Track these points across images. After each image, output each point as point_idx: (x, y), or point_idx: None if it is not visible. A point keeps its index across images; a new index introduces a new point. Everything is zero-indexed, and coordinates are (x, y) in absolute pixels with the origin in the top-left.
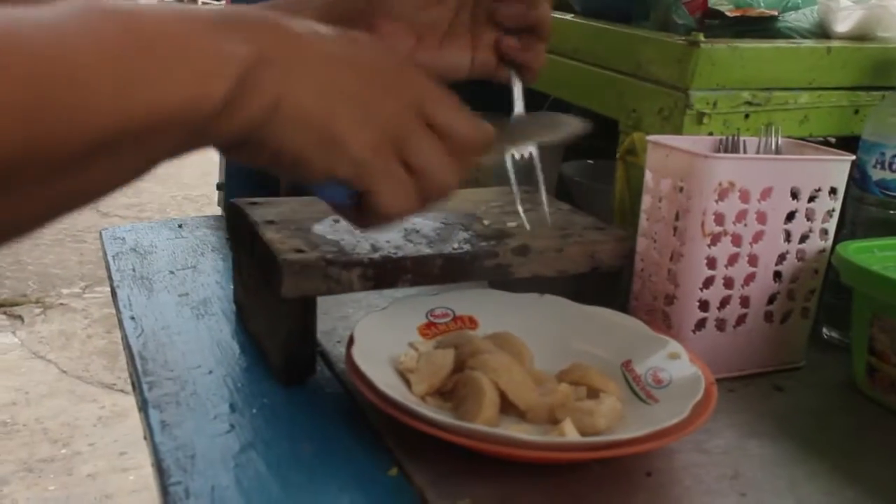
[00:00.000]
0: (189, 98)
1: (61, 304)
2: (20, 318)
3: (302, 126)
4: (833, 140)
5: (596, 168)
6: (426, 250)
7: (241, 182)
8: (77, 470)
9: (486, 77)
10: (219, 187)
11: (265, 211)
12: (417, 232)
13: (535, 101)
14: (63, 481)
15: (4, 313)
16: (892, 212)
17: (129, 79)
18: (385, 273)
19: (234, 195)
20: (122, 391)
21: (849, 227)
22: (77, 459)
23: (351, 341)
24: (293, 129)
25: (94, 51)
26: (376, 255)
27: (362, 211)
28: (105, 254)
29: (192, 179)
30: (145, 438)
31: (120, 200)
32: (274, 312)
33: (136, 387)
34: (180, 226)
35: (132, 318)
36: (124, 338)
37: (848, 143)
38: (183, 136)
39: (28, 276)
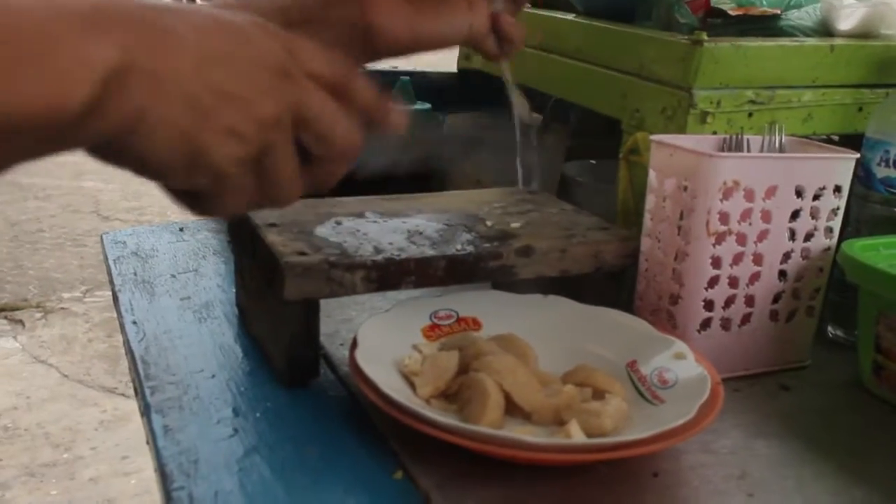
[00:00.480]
0: (43, 103)
1: (62, 308)
2: (21, 322)
3: (167, 138)
4: (836, 138)
5: (598, 168)
6: (429, 252)
7: None
8: (79, 474)
9: (474, 46)
10: None
11: (267, 213)
12: (420, 234)
13: (537, 101)
14: (65, 486)
15: (5, 318)
16: None
17: None
18: (388, 275)
19: None
20: (123, 395)
21: (853, 225)
22: (79, 464)
23: (354, 344)
24: (157, 140)
25: None
26: (379, 258)
27: (194, 201)
28: (106, 258)
29: None
30: (148, 443)
31: (120, 204)
32: (276, 315)
33: (139, 391)
34: (181, 229)
35: (134, 322)
36: (126, 342)
37: (851, 141)
38: (36, 140)
39: (29, 281)
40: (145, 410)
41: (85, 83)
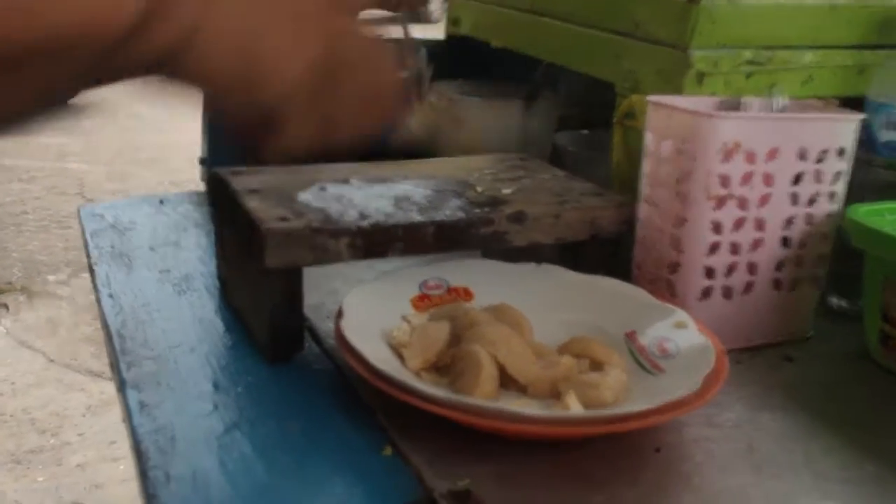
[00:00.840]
0: (94, 16)
1: (47, 291)
2: (5, 306)
3: (226, 51)
4: (836, 102)
5: (590, 138)
6: (418, 217)
7: (224, 156)
8: (66, 460)
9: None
10: (201, 162)
11: (248, 180)
12: (408, 199)
13: (527, 66)
14: (52, 472)
15: None
16: None
17: None
18: (375, 241)
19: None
20: (110, 379)
21: (856, 191)
22: (66, 450)
23: (340, 314)
24: (217, 53)
25: None
26: (365, 223)
27: (264, 141)
28: (83, 231)
29: (180, 164)
30: (124, 421)
31: (105, 186)
32: (258, 286)
33: (115, 367)
34: (161, 202)
35: (110, 295)
36: (102, 316)
37: (852, 104)
38: (91, 56)
39: (12, 263)
40: (121, 386)
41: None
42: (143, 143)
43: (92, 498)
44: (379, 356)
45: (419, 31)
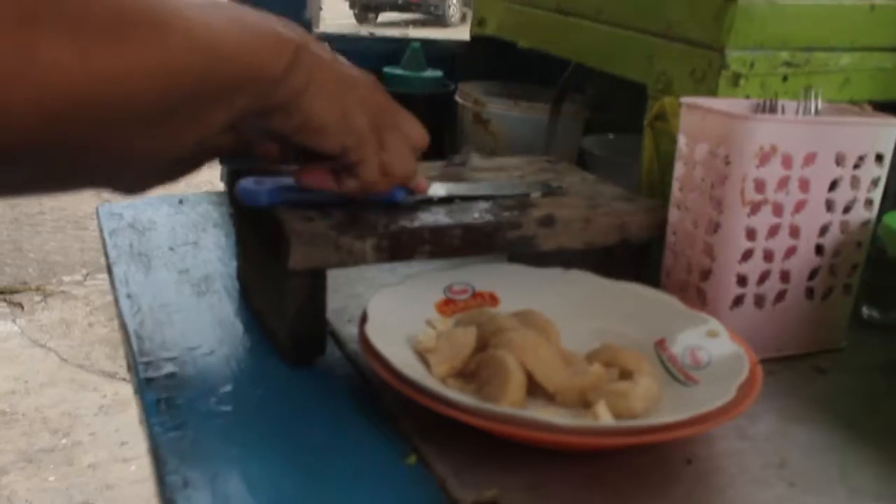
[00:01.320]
0: (265, 62)
1: (62, 291)
2: (20, 305)
3: (327, 100)
4: (870, 106)
5: (617, 142)
6: (445, 220)
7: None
8: (78, 460)
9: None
10: (221, 161)
11: None
12: (435, 202)
13: (555, 68)
14: (63, 472)
15: (4, 301)
16: None
17: (230, 42)
18: (401, 244)
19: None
20: (123, 380)
21: (891, 198)
22: (78, 449)
23: (364, 318)
24: (318, 101)
25: (212, 21)
26: (392, 225)
27: (344, 179)
28: (101, 230)
29: None
30: (141, 423)
31: None
32: (281, 288)
33: (132, 367)
34: (181, 201)
35: (128, 295)
36: (120, 316)
37: (888, 109)
38: (254, 94)
39: (28, 264)
40: (139, 388)
41: (286, 54)
42: None
43: (103, 498)
44: (403, 361)
45: (437, 35)
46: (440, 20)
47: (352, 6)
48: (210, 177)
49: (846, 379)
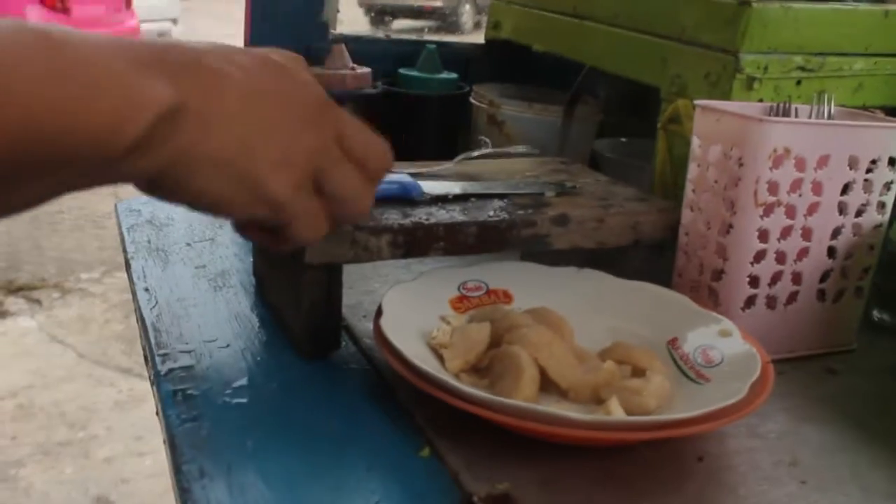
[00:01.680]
0: (101, 133)
1: (80, 288)
2: (38, 301)
3: (220, 169)
4: (881, 112)
5: (629, 146)
6: (460, 217)
7: None
8: (93, 454)
9: None
10: None
11: None
12: (450, 199)
13: (569, 71)
14: (79, 465)
15: (23, 297)
16: None
17: (43, 102)
18: (416, 240)
19: None
20: (139, 376)
21: None
22: (94, 443)
23: (379, 312)
24: (211, 173)
25: (13, 67)
26: (407, 222)
27: (278, 239)
28: (120, 226)
29: None
30: (157, 414)
31: None
32: (296, 282)
33: (149, 360)
34: None
35: (146, 289)
36: (137, 309)
37: None
38: (90, 169)
39: (47, 261)
40: (155, 379)
41: (138, 120)
42: None
43: (118, 491)
44: (418, 355)
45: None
46: (453, 27)
47: (367, 12)
48: None
49: (857, 380)
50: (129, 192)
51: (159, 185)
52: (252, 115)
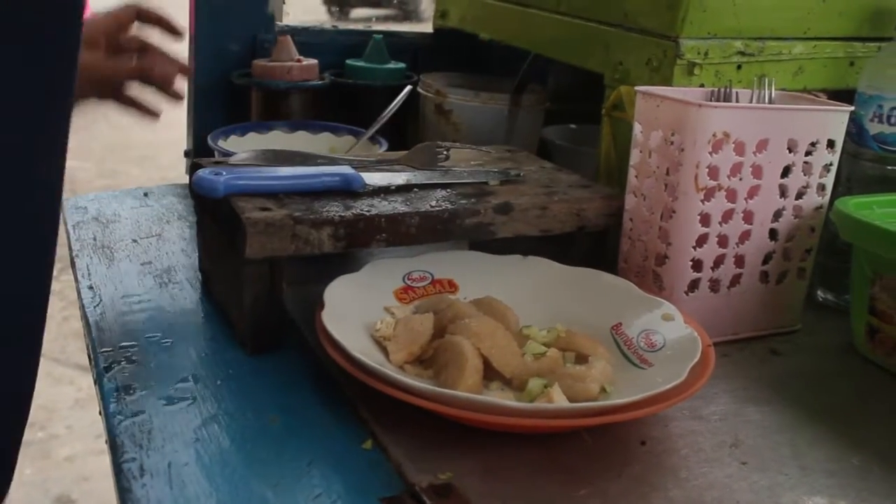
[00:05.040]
0: None
1: None
2: None
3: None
4: (824, 95)
5: (578, 132)
6: (402, 208)
7: (209, 149)
8: (54, 453)
9: None
10: (186, 154)
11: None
12: (393, 190)
13: (516, 59)
14: (40, 465)
15: None
16: (890, 167)
17: None
18: (358, 232)
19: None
20: None
21: (844, 184)
22: (54, 442)
23: (321, 305)
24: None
25: None
26: (348, 214)
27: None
28: (65, 223)
29: (171, 161)
30: (100, 413)
31: (96, 183)
32: (239, 277)
33: (92, 358)
34: (146, 194)
35: (90, 287)
36: (81, 308)
37: (841, 98)
38: None
39: None
40: (98, 378)
41: None
42: (135, 140)
43: (79, 490)
44: (361, 348)
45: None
46: (412, 15)
47: (324, 2)
48: (183, 173)
49: (800, 360)
50: (85, 187)
51: None
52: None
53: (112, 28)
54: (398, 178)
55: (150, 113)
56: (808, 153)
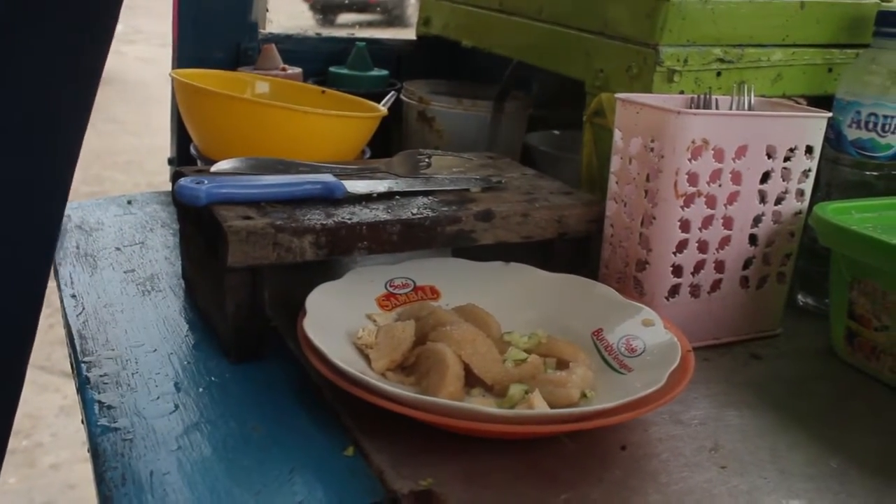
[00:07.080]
0: None
1: None
2: None
3: None
4: (804, 101)
5: (561, 138)
6: (383, 216)
7: (193, 157)
8: (39, 461)
9: None
10: (170, 162)
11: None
12: (374, 198)
13: (498, 66)
14: (25, 473)
15: None
16: (868, 173)
17: None
18: (339, 240)
19: None
20: None
21: (823, 189)
22: (39, 451)
23: (303, 313)
24: None
25: None
26: (330, 222)
27: None
28: None
29: (156, 167)
30: (82, 422)
31: (81, 189)
32: (221, 285)
33: (74, 367)
34: (129, 202)
35: (73, 295)
36: (64, 316)
37: (820, 104)
38: None
39: None
40: (80, 387)
41: None
42: (121, 146)
43: (65, 498)
44: (343, 356)
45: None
46: (398, 21)
47: (312, 7)
48: (168, 179)
49: (781, 365)
50: (70, 194)
51: None
52: None
53: None
54: (380, 185)
55: None
56: (786, 159)
